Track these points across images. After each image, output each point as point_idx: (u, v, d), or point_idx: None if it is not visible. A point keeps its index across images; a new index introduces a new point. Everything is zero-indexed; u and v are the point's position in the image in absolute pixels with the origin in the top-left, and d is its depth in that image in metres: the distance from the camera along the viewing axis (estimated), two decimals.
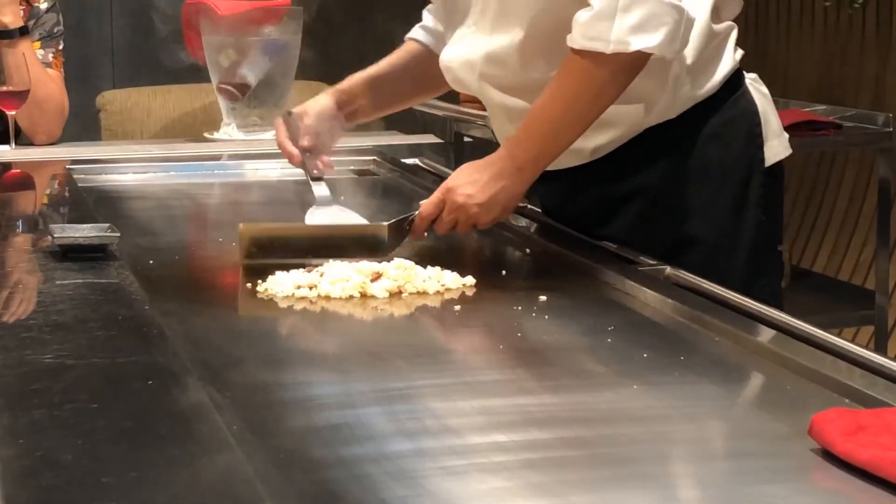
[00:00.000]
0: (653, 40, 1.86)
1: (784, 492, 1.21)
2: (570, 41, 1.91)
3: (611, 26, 1.86)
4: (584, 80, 1.91)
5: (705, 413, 1.44)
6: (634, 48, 1.86)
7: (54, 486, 1.08)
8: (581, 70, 1.91)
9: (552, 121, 1.94)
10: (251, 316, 1.78)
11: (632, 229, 2.04)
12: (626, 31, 1.86)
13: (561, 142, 1.96)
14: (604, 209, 2.07)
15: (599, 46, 1.87)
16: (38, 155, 3.02)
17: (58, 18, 3.24)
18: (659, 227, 2.04)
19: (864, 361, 1.48)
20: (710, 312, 1.69)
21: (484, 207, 1.95)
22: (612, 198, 2.06)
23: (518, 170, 1.95)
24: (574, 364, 1.62)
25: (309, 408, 1.42)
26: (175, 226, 2.42)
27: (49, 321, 1.55)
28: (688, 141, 2.03)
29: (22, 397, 1.29)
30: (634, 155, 2.03)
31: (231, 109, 3.28)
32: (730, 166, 2.05)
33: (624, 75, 1.91)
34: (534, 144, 1.95)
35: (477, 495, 1.20)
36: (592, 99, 1.92)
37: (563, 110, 1.93)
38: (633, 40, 1.86)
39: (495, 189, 1.95)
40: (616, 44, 1.86)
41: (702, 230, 2.03)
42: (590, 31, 1.88)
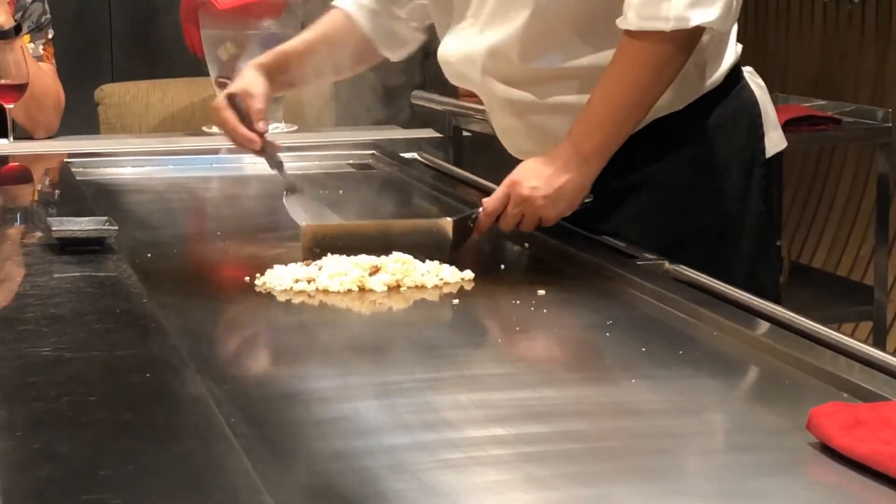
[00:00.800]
0: (711, 14, 1.87)
1: (782, 485, 1.20)
2: (625, 24, 1.90)
3: (669, 4, 1.86)
4: (644, 61, 1.90)
5: (704, 407, 1.44)
6: (694, 23, 1.87)
7: (52, 478, 1.08)
8: (640, 51, 1.90)
9: (615, 106, 1.93)
10: (249, 309, 1.78)
11: (637, 220, 2.04)
12: (685, 7, 1.87)
13: (625, 127, 1.94)
14: (609, 200, 2.04)
15: (660, 25, 1.87)
16: (37, 148, 3.01)
17: (44, 7, 3.22)
18: (665, 218, 2.03)
19: (863, 356, 1.48)
20: (709, 307, 1.69)
21: (550, 200, 1.93)
22: (619, 189, 2.04)
23: (584, 161, 1.93)
24: (573, 358, 1.62)
25: (307, 401, 1.42)
26: (173, 219, 2.42)
27: (47, 314, 1.55)
28: (693, 132, 2.03)
29: (20, 390, 1.29)
30: (640, 146, 2.01)
31: None
32: (734, 157, 2.05)
33: (683, 52, 1.91)
34: (598, 133, 1.93)
35: (475, 488, 1.20)
36: (654, 79, 1.91)
37: (624, 94, 1.92)
38: (692, 15, 1.87)
39: (561, 181, 1.93)
40: (676, 20, 1.87)
41: (707, 221, 2.03)
42: (646, 10, 1.88)
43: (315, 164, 2.81)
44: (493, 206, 1.95)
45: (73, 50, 4.22)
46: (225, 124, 2.18)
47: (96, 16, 4.42)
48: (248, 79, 2.20)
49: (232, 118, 2.17)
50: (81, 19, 4.35)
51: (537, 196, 1.92)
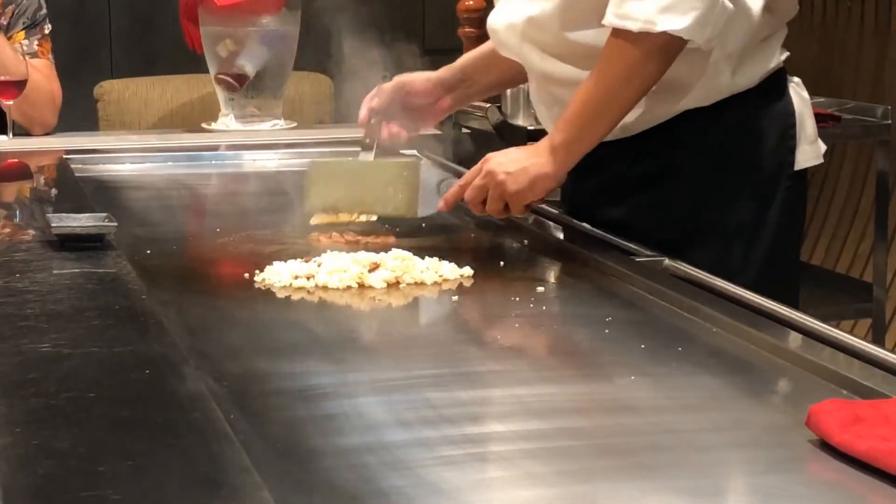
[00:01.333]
0: (681, 23, 1.86)
1: (781, 482, 1.21)
2: (605, 18, 1.91)
3: (640, 5, 1.86)
4: (616, 60, 1.91)
5: (702, 404, 1.43)
6: (661, 28, 1.86)
7: (51, 474, 1.08)
8: (613, 49, 1.90)
9: (586, 103, 1.93)
10: (249, 306, 1.78)
11: (648, 211, 2.03)
12: (655, 11, 1.86)
13: (597, 127, 1.94)
14: (622, 188, 2.05)
15: (628, 25, 1.87)
16: (36, 145, 3.01)
17: (39, 2, 3.20)
18: (678, 211, 2.02)
19: (862, 353, 1.48)
20: (708, 304, 1.69)
21: (511, 177, 1.96)
22: (633, 177, 2.04)
23: (553, 150, 1.95)
24: (571, 355, 1.62)
25: (306, 397, 1.42)
26: (173, 216, 2.42)
27: (46, 310, 1.55)
28: (718, 130, 2.02)
29: (19, 386, 1.29)
30: (662, 137, 2.01)
31: (229, 100, 3.27)
32: (758, 163, 2.03)
33: (656, 59, 1.90)
34: (569, 127, 1.95)
35: (474, 485, 1.20)
36: (624, 80, 1.91)
37: (596, 93, 1.92)
38: (660, 20, 1.86)
39: (527, 163, 1.96)
40: (644, 23, 1.86)
41: (720, 222, 2.02)
42: (620, 8, 1.88)
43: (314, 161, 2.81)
44: (467, 177, 2.01)
45: (73, 46, 4.21)
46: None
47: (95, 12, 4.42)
48: (428, 72, 2.31)
49: (369, 95, 2.29)
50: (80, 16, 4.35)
51: (500, 171, 1.96)
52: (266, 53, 3.27)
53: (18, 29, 3.17)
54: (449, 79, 2.29)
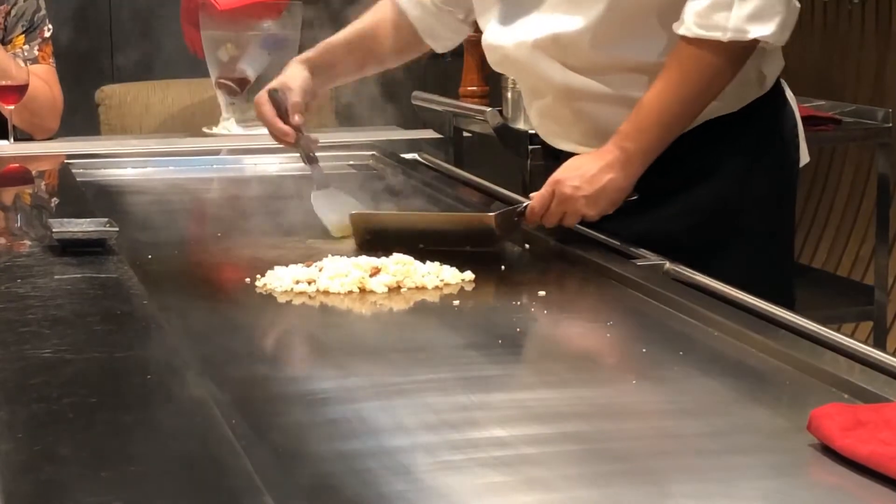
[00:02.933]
0: (768, 29, 1.89)
1: (783, 487, 1.21)
2: (683, 30, 1.92)
3: (728, 15, 1.88)
4: (697, 69, 1.93)
5: (704, 408, 1.43)
6: (752, 36, 1.89)
7: (53, 480, 1.08)
8: (694, 59, 1.92)
9: (662, 111, 1.94)
10: (250, 311, 1.78)
11: (676, 218, 2.03)
12: (744, 20, 1.89)
13: (671, 132, 1.96)
14: (654, 196, 2.02)
15: (717, 35, 1.89)
16: (37, 149, 3.01)
17: (38, 4, 3.19)
18: (705, 218, 2.02)
19: (864, 357, 1.47)
20: (709, 307, 1.68)
21: (591, 199, 1.96)
22: (664, 186, 2.02)
23: (627, 161, 1.95)
24: (573, 359, 1.62)
25: (308, 402, 1.42)
26: (174, 220, 2.42)
27: (48, 316, 1.55)
28: (744, 135, 2.03)
29: (21, 392, 1.29)
30: (691, 143, 2.01)
31: (230, 104, 3.28)
32: (777, 164, 2.07)
33: (735, 64, 1.93)
34: (644, 136, 1.95)
35: (476, 490, 1.20)
36: (704, 88, 1.94)
37: (673, 100, 1.94)
38: (751, 28, 1.89)
39: (603, 181, 1.95)
40: (734, 32, 1.89)
41: (750, 226, 2.03)
42: (706, 19, 1.90)
43: None
44: (538, 205, 1.99)
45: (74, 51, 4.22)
46: (263, 118, 2.24)
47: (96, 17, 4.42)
48: (290, 73, 2.27)
49: (269, 112, 2.23)
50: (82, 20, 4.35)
51: (579, 196, 1.95)
52: (267, 57, 3.28)
53: (18, 33, 3.16)
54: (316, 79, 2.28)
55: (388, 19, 2.31)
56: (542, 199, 1.98)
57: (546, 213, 1.98)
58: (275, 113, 2.23)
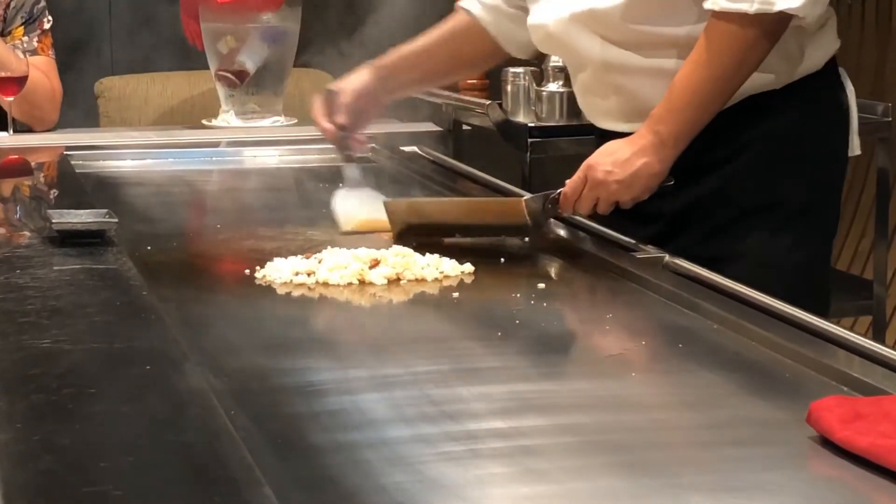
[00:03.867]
0: (796, 1, 1.85)
1: (782, 479, 1.21)
2: (710, 3, 1.88)
3: None
4: (727, 44, 1.88)
5: (703, 401, 1.43)
6: (779, 8, 1.85)
7: (52, 470, 1.08)
8: (723, 34, 1.88)
9: (695, 91, 1.90)
10: (249, 302, 1.78)
11: (705, 197, 2.00)
12: None
13: (705, 113, 1.92)
14: (691, 172, 1.99)
15: (743, 6, 1.85)
16: (37, 141, 3.01)
17: None
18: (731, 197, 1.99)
19: (863, 350, 1.48)
20: (709, 300, 1.69)
21: (624, 185, 1.92)
22: (702, 162, 1.99)
23: (661, 145, 1.92)
24: (572, 351, 1.62)
25: (307, 393, 1.42)
26: (173, 212, 2.42)
27: (47, 306, 1.55)
28: (785, 114, 1.99)
29: (20, 382, 1.29)
30: (731, 120, 1.97)
31: (229, 96, 3.28)
32: (818, 149, 2.02)
33: (767, 38, 1.88)
34: (677, 117, 1.91)
35: (475, 481, 1.20)
36: (736, 64, 1.89)
37: (705, 79, 1.90)
38: (777, 0, 1.85)
39: (637, 165, 1.92)
40: (760, 3, 1.85)
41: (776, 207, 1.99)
42: None
43: (315, 157, 2.81)
44: (572, 190, 1.95)
45: (73, 43, 4.21)
46: (312, 114, 2.28)
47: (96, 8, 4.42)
48: (353, 75, 2.27)
49: (317, 108, 2.26)
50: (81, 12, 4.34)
51: (611, 180, 1.92)
52: (266, 50, 3.28)
53: (17, 24, 3.16)
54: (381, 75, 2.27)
55: (464, 28, 2.27)
56: (575, 185, 1.95)
57: (579, 198, 1.95)
58: (323, 111, 2.25)
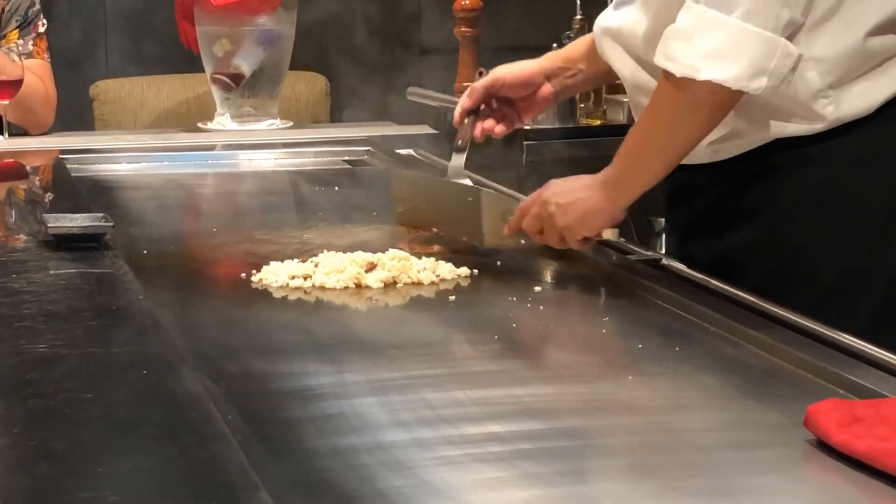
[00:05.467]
0: (727, 72, 1.67)
1: (779, 482, 1.21)
2: (655, 55, 1.76)
3: (685, 47, 1.70)
4: (664, 105, 1.76)
5: (700, 404, 1.44)
6: (705, 77, 1.68)
7: (49, 475, 1.08)
8: (662, 92, 1.76)
9: (638, 144, 1.81)
10: (246, 306, 1.78)
11: (743, 249, 1.86)
12: (700, 56, 1.69)
13: (647, 169, 1.80)
14: (713, 220, 1.89)
15: (672, 67, 1.71)
16: (32, 144, 3.01)
17: None
18: (777, 253, 1.84)
19: (860, 353, 1.48)
20: (706, 304, 1.69)
21: (561, 208, 1.84)
22: (729, 212, 1.87)
23: (604, 186, 1.82)
24: (569, 355, 1.62)
25: (304, 397, 1.42)
26: (169, 216, 2.42)
27: (43, 311, 1.55)
28: (823, 162, 1.81)
29: (16, 387, 1.29)
30: (757, 165, 1.84)
31: (225, 99, 3.27)
32: (869, 200, 1.82)
33: (703, 108, 1.73)
34: (621, 165, 1.82)
35: (472, 485, 1.20)
36: (671, 128, 1.76)
37: (645, 134, 1.80)
38: (704, 67, 1.68)
39: (579, 195, 1.84)
40: (687, 68, 1.70)
41: (824, 264, 1.82)
42: (667, 48, 1.73)
43: (310, 160, 2.82)
44: (523, 204, 1.91)
45: (68, 46, 4.21)
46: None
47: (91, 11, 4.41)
48: (522, 62, 2.11)
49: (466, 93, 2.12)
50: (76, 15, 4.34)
51: (553, 202, 1.85)
52: (262, 53, 3.27)
53: (12, 28, 3.16)
54: (548, 67, 2.10)
55: None
56: (531, 199, 1.91)
57: (529, 216, 1.89)
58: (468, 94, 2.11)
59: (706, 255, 1.90)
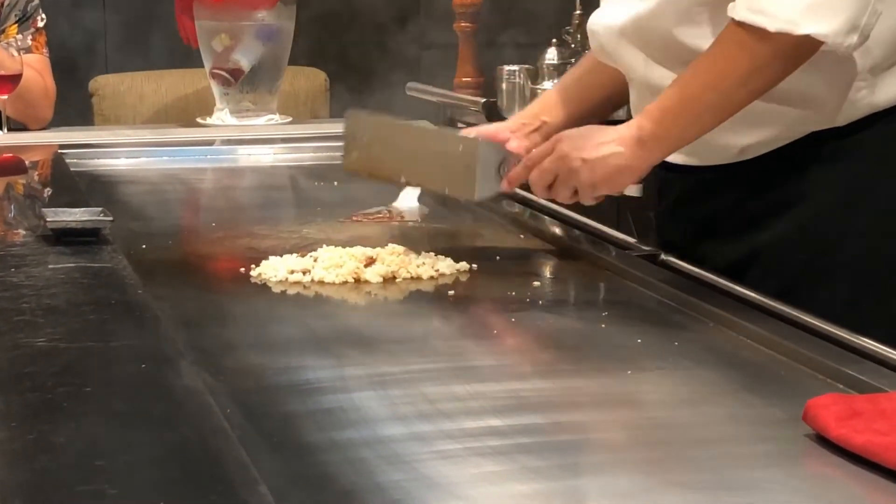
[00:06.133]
0: (827, 26, 1.64)
1: (778, 477, 1.21)
2: (732, 10, 1.69)
3: (782, 1, 1.65)
4: (737, 58, 1.69)
5: (699, 398, 1.43)
6: (804, 31, 1.64)
7: (47, 468, 1.07)
8: (736, 45, 1.69)
9: (691, 98, 1.72)
10: (245, 300, 1.78)
11: (773, 247, 1.82)
12: (800, 10, 1.64)
13: (696, 125, 1.73)
14: (734, 222, 1.85)
15: (764, 22, 1.65)
16: (31, 139, 3.01)
17: None
18: (797, 251, 1.81)
19: (859, 347, 1.48)
20: (705, 298, 1.69)
21: (588, 165, 1.75)
22: (750, 210, 1.83)
23: (639, 142, 1.73)
24: (568, 349, 1.62)
25: (303, 392, 1.42)
26: (168, 210, 2.42)
27: (42, 305, 1.55)
28: (854, 156, 1.79)
29: (15, 380, 1.29)
30: (786, 162, 1.80)
31: (224, 94, 3.27)
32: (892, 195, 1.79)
33: (784, 61, 1.68)
34: (664, 120, 1.73)
35: (471, 479, 1.20)
36: (741, 81, 1.69)
37: (705, 88, 1.71)
38: (804, 21, 1.64)
39: (607, 151, 1.74)
40: (784, 22, 1.64)
41: (854, 257, 1.79)
42: (758, 2, 1.66)
43: (309, 155, 2.81)
44: (534, 156, 1.81)
45: (67, 41, 4.21)
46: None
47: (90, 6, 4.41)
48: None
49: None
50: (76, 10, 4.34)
51: (577, 157, 1.76)
52: (261, 48, 3.27)
53: (11, 23, 3.15)
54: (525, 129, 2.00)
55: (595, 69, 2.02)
56: (541, 152, 1.81)
57: (538, 168, 1.80)
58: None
59: (726, 254, 1.85)
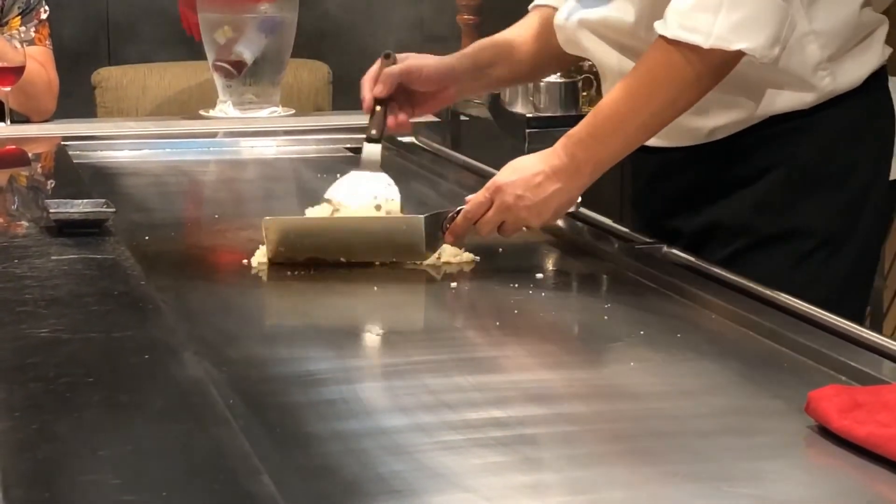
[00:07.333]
0: (755, 41, 1.70)
1: (781, 468, 1.21)
2: (662, 29, 1.73)
3: (714, 19, 1.69)
4: (668, 76, 1.74)
5: (701, 390, 1.44)
6: (735, 47, 1.70)
7: (50, 458, 1.08)
8: (665, 64, 1.73)
9: (622, 121, 1.75)
10: (247, 292, 1.78)
11: (737, 216, 1.89)
12: (729, 28, 1.69)
13: (628, 145, 1.78)
14: (706, 194, 1.91)
15: (697, 39, 1.70)
16: (34, 131, 3.01)
17: None
18: (759, 218, 1.88)
19: (862, 339, 1.48)
20: (707, 290, 1.69)
21: (534, 211, 1.78)
22: (720, 182, 1.90)
23: (576, 171, 1.77)
24: (570, 341, 1.62)
25: (305, 383, 1.42)
26: (171, 202, 2.42)
27: (45, 296, 1.55)
28: (814, 134, 1.86)
29: (18, 371, 1.29)
30: (752, 141, 1.87)
31: (227, 87, 3.27)
32: (853, 167, 1.88)
33: (712, 77, 1.74)
34: (597, 145, 1.76)
35: (473, 470, 1.20)
36: (672, 99, 1.75)
37: (635, 108, 1.75)
38: (734, 38, 1.70)
39: (549, 191, 1.77)
40: (717, 39, 1.70)
41: (805, 230, 1.87)
42: (689, 20, 1.71)
43: (312, 147, 2.81)
44: (475, 212, 1.80)
45: (70, 33, 4.21)
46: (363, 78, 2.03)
47: None
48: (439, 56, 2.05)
49: (369, 74, 2.01)
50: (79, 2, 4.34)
51: (521, 206, 1.78)
52: (264, 40, 3.27)
53: (14, 14, 3.16)
54: (459, 68, 2.04)
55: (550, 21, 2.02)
56: (479, 205, 1.80)
57: (481, 219, 1.80)
58: (372, 76, 2.00)
59: (692, 226, 1.93)
